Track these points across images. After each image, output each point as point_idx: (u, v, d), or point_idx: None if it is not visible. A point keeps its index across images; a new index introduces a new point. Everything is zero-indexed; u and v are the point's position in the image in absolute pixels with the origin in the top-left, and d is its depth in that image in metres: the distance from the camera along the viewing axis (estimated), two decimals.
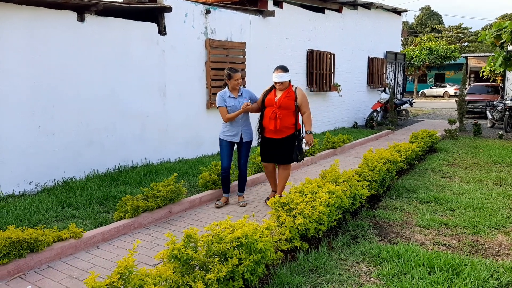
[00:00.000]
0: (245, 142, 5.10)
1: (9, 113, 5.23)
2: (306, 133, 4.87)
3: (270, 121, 4.82)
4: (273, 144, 4.97)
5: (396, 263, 3.35)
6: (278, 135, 4.89)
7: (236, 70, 4.99)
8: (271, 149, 5.02)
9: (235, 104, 4.93)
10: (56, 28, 5.62)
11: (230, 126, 5.01)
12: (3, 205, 4.79)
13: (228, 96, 4.96)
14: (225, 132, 5.06)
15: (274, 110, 4.78)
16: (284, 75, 4.79)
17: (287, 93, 4.84)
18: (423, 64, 32.47)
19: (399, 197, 5.33)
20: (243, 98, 5.02)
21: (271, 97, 4.89)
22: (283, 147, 4.93)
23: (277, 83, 4.83)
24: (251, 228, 2.90)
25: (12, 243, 3.25)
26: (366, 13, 13.60)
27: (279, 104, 4.78)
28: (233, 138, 5.03)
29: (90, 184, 5.63)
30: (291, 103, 4.81)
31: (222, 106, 4.92)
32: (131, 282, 2.25)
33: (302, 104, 4.89)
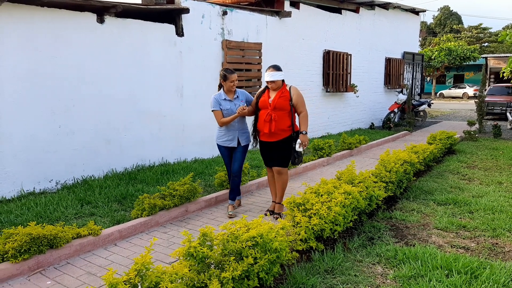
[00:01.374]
0: (242, 146, 4.83)
1: (31, 112, 5.35)
2: (302, 134, 4.52)
3: (265, 124, 4.53)
4: (268, 147, 4.70)
5: (413, 265, 3.32)
6: (273, 138, 4.59)
7: (232, 71, 4.71)
8: (268, 153, 4.75)
9: (231, 107, 4.68)
10: (76, 30, 5.73)
11: (226, 130, 4.75)
12: (24, 202, 4.91)
13: (223, 99, 4.70)
14: (222, 137, 4.80)
15: (269, 112, 4.50)
16: (276, 74, 4.51)
17: (281, 93, 4.55)
18: (442, 64, 31.96)
19: (416, 199, 5.27)
20: (239, 100, 4.76)
21: (265, 99, 4.60)
22: (278, 150, 4.63)
23: (270, 82, 4.56)
24: (266, 228, 2.91)
25: (33, 239, 3.32)
26: (383, 13, 13.47)
27: (273, 105, 4.50)
28: (230, 143, 4.77)
29: (109, 182, 5.73)
30: (286, 104, 4.52)
31: (217, 110, 4.67)
32: (147, 279, 2.28)
33: (298, 104, 4.58)
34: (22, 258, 3.26)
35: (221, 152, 4.90)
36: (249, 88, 8.61)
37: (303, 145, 4.53)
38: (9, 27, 5.09)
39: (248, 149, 4.96)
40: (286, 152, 4.63)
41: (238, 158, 4.83)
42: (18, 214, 4.52)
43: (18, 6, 5.15)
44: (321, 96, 11.11)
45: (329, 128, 11.59)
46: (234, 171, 4.84)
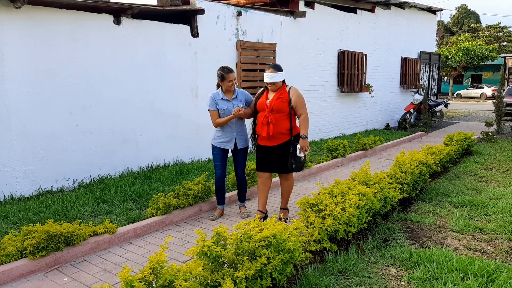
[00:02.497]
0: (240, 149, 4.64)
1: (50, 112, 5.47)
2: (301, 138, 4.26)
3: (263, 127, 4.29)
4: (267, 152, 4.45)
5: (428, 268, 3.28)
6: (272, 142, 4.36)
7: (230, 70, 4.45)
8: (266, 157, 4.49)
9: (228, 107, 4.47)
10: (94, 31, 5.83)
11: (222, 131, 4.56)
12: (42, 200, 5.02)
13: (220, 99, 4.49)
14: (218, 138, 4.61)
15: (266, 115, 4.25)
16: (276, 75, 4.24)
17: (280, 94, 4.29)
18: (459, 64, 31.45)
19: (432, 201, 5.21)
20: (237, 100, 4.53)
21: (263, 100, 4.36)
22: (280, 155, 4.39)
23: (269, 84, 4.30)
24: (279, 228, 2.92)
25: (50, 236, 3.40)
26: (399, 13, 13.33)
27: (271, 107, 4.25)
28: (226, 145, 4.58)
29: (124, 181, 5.81)
30: (284, 105, 4.27)
31: (213, 110, 4.48)
32: (162, 277, 2.31)
33: (297, 106, 4.31)
34: (40, 255, 3.34)
35: (214, 153, 4.66)
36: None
37: (303, 151, 4.27)
38: (29, 29, 5.20)
39: (248, 152, 4.78)
40: (286, 157, 4.41)
41: (240, 163, 4.70)
42: (36, 212, 4.62)
43: (38, 8, 5.27)
44: (336, 96, 11.05)
45: (343, 129, 11.52)
46: (239, 175, 4.75)
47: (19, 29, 5.13)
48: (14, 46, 5.10)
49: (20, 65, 5.16)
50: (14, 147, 5.19)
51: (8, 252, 3.25)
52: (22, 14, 5.13)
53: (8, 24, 5.03)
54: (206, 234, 2.82)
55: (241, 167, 4.73)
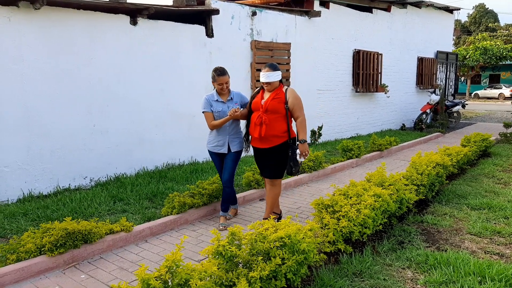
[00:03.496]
0: (233, 152, 4.39)
1: (68, 112, 5.56)
2: (300, 143, 4.09)
3: (255, 127, 4.10)
4: (260, 155, 4.27)
5: (444, 271, 3.24)
6: (264, 144, 4.14)
7: (222, 72, 4.23)
8: (260, 161, 4.33)
9: (223, 109, 4.29)
10: (111, 31, 5.90)
11: (216, 135, 4.37)
12: (60, 198, 5.11)
13: (215, 100, 4.32)
14: (211, 142, 4.42)
15: (260, 115, 4.06)
16: (273, 75, 4.04)
17: (276, 94, 4.10)
18: (477, 64, 30.93)
19: (449, 203, 5.13)
20: (232, 102, 4.36)
21: (257, 100, 4.16)
22: (271, 158, 4.18)
23: (265, 83, 4.10)
24: (294, 229, 2.92)
25: (68, 234, 3.46)
26: (416, 12, 13.17)
27: (265, 107, 4.05)
28: (220, 149, 4.38)
29: (140, 180, 5.87)
30: (280, 106, 4.06)
31: (208, 112, 4.30)
32: (177, 276, 2.33)
33: (294, 108, 4.10)
34: (58, 252, 3.40)
35: (212, 159, 4.53)
36: None
37: (303, 155, 4.10)
38: (48, 29, 5.30)
39: (241, 156, 4.54)
40: (279, 161, 4.17)
41: (228, 166, 4.39)
42: (54, 210, 4.70)
43: (56, 9, 5.36)
44: (351, 96, 10.97)
45: (358, 129, 11.44)
46: (224, 181, 4.40)
47: (38, 30, 5.22)
48: (33, 47, 5.19)
49: (39, 65, 5.26)
50: (33, 146, 5.29)
51: (28, 249, 3.32)
52: (41, 15, 5.23)
53: (28, 25, 5.13)
54: (221, 234, 2.83)
55: (228, 171, 4.39)
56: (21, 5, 5.05)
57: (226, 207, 4.58)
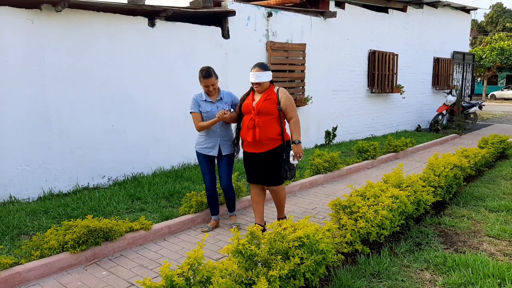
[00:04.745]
0: (225, 155, 4.21)
1: (87, 112, 5.66)
2: (294, 143, 3.91)
3: (248, 131, 3.89)
4: (254, 160, 4.03)
5: (463, 273, 3.22)
6: (259, 148, 3.94)
7: (208, 74, 4.01)
8: (253, 166, 4.07)
9: (211, 109, 4.10)
10: (130, 33, 6.00)
11: (206, 136, 4.18)
12: (79, 197, 5.21)
13: (203, 100, 4.14)
14: (201, 144, 4.23)
15: (253, 117, 3.86)
16: (263, 75, 3.87)
17: (267, 95, 3.91)
18: (494, 65, 30.44)
19: (466, 205, 5.09)
20: (222, 103, 4.16)
21: (248, 102, 3.97)
22: (268, 164, 3.97)
23: (255, 84, 3.92)
24: (313, 229, 2.94)
25: (90, 231, 3.53)
26: (432, 12, 13.04)
27: (257, 109, 3.86)
28: (210, 152, 4.18)
29: (157, 179, 5.95)
30: (272, 107, 3.88)
31: (195, 112, 4.11)
32: (199, 273, 2.37)
33: (287, 108, 3.93)
34: (80, 249, 3.47)
35: (199, 160, 4.31)
36: (292, 89, 8.63)
37: (297, 157, 3.91)
38: (68, 31, 5.41)
39: (234, 158, 4.37)
40: (276, 166, 3.99)
41: (224, 171, 4.24)
42: (74, 208, 4.80)
43: (77, 11, 5.47)
44: (366, 97, 10.92)
45: (373, 130, 11.38)
46: (224, 187, 4.28)
47: (59, 32, 5.34)
48: (54, 48, 5.31)
49: (60, 66, 5.37)
50: (53, 145, 5.41)
51: (51, 246, 3.40)
52: (62, 17, 5.34)
53: (50, 27, 5.25)
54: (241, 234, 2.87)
55: (225, 176, 4.26)
56: (44, 7, 5.17)
57: (232, 207, 4.52)
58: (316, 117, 9.38)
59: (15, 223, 4.30)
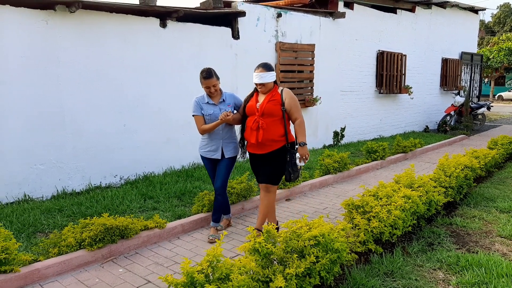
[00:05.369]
0: (227, 158, 4.13)
1: (100, 112, 5.73)
2: (300, 145, 3.83)
3: (252, 132, 3.84)
4: (258, 161, 4.00)
5: (476, 272, 3.24)
6: (262, 149, 3.89)
7: (208, 74, 3.95)
8: (257, 167, 4.05)
9: (214, 112, 4.03)
10: (142, 34, 6.06)
11: (208, 139, 4.12)
12: (93, 195, 5.27)
13: (205, 103, 4.08)
14: (204, 147, 4.16)
15: (256, 119, 3.80)
16: (267, 75, 3.78)
17: (271, 96, 3.84)
18: (501, 65, 30.25)
19: (477, 206, 5.09)
20: (225, 105, 4.09)
21: (252, 103, 3.91)
22: (269, 164, 3.91)
23: (258, 85, 3.84)
24: (328, 228, 2.97)
25: (107, 229, 3.59)
26: (440, 12, 13.02)
27: (261, 110, 3.80)
28: (213, 155, 4.11)
29: (168, 179, 6.00)
30: (276, 109, 3.81)
31: (198, 115, 4.06)
32: (218, 270, 2.42)
33: (291, 109, 3.85)
34: (97, 247, 3.53)
35: (204, 164, 4.27)
36: (301, 90, 8.66)
37: (303, 159, 3.84)
38: (82, 32, 5.48)
39: (235, 161, 4.27)
40: (277, 167, 3.90)
41: (221, 173, 4.11)
42: (88, 206, 4.86)
43: (90, 12, 5.54)
44: (374, 97, 10.93)
45: (381, 131, 11.38)
46: (217, 188, 4.12)
47: (73, 32, 5.41)
48: (68, 49, 5.38)
49: (74, 66, 5.44)
50: (67, 145, 5.48)
51: (68, 243, 3.46)
52: (75, 18, 5.41)
53: (64, 28, 5.32)
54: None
55: (220, 179, 4.11)
56: (58, 8, 5.24)
57: (218, 217, 4.23)
58: (324, 118, 9.40)
59: (31, 221, 4.37)
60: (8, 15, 4.91)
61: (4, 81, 4.93)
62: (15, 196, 5.14)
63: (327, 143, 9.62)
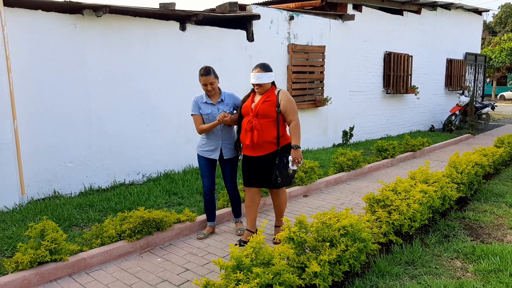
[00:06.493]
0: (227, 159, 4.10)
1: (124, 112, 5.98)
2: (293, 148, 3.74)
3: (246, 134, 3.76)
4: (253, 163, 3.91)
5: (492, 261, 3.48)
6: (257, 152, 3.81)
7: (207, 72, 3.94)
8: (252, 170, 3.95)
9: (212, 112, 4.00)
10: (162, 37, 6.31)
11: (207, 139, 4.08)
12: (119, 192, 5.51)
13: (203, 102, 4.05)
14: (202, 147, 4.12)
15: (250, 120, 3.74)
16: (264, 76, 3.74)
17: (267, 97, 3.78)
18: (503, 65, 30.49)
19: (487, 201, 5.33)
20: (223, 105, 4.04)
21: (248, 104, 3.85)
22: (267, 168, 3.82)
23: (255, 85, 3.81)
24: (356, 219, 3.21)
25: (144, 221, 3.83)
26: (445, 14, 13.26)
27: (256, 111, 3.74)
28: (211, 155, 4.07)
29: (188, 176, 6.24)
30: (271, 110, 3.74)
31: (196, 114, 4.04)
32: (261, 255, 2.66)
33: (286, 111, 3.77)
34: (136, 238, 3.77)
35: (200, 163, 4.18)
36: (312, 90, 8.90)
37: (296, 163, 3.75)
38: (108, 35, 5.72)
39: (238, 162, 4.23)
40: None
41: (228, 175, 4.16)
42: (117, 202, 5.10)
43: (116, 16, 5.78)
44: (381, 97, 11.17)
45: (388, 130, 11.62)
46: (230, 191, 4.24)
47: (100, 36, 5.65)
48: (95, 52, 5.62)
49: (100, 68, 5.69)
50: (93, 143, 5.72)
51: (110, 235, 3.70)
52: (102, 23, 5.66)
53: (91, 32, 5.56)
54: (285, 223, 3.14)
55: (230, 180, 4.20)
56: (85, 13, 5.48)
57: (237, 212, 4.41)
58: (334, 117, 9.64)
59: (66, 215, 4.60)
60: (40, 19, 5.16)
61: (37, 82, 5.17)
62: (46, 192, 5.39)
63: (336, 142, 9.87)
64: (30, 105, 5.13)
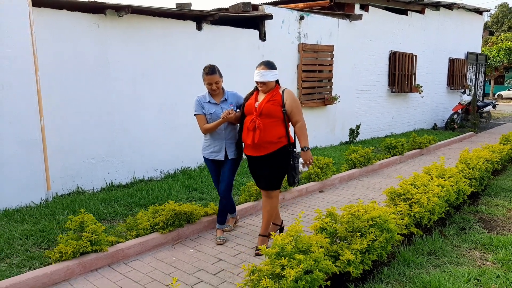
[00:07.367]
0: (230, 159, 3.97)
1: (144, 110, 6.12)
2: (303, 150, 3.68)
3: (248, 133, 3.64)
4: (255, 164, 3.81)
5: (510, 250, 3.66)
6: (258, 151, 3.67)
7: (211, 71, 3.87)
8: (255, 171, 3.86)
9: (216, 111, 3.90)
10: (180, 36, 6.45)
11: (211, 140, 3.97)
12: (140, 187, 5.66)
13: (207, 102, 3.96)
14: (207, 148, 4.01)
15: (254, 119, 3.61)
16: (268, 74, 3.62)
17: (271, 96, 3.66)
18: (501, 64, 30.80)
19: (497, 196, 5.52)
20: (227, 104, 3.96)
21: (251, 102, 3.72)
22: (267, 167, 3.70)
23: (259, 83, 3.67)
24: (384, 210, 3.39)
25: (176, 214, 3.99)
26: (448, 14, 13.47)
27: (259, 110, 3.61)
28: (216, 156, 3.96)
29: (205, 172, 6.40)
30: (276, 109, 3.61)
31: (199, 114, 3.93)
32: (300, 243, 2.82)
33: (292, 111, 3.65)
34: (168, 230, 3.93)
35: (208, 166, 4.11)
36: (321, 89, 9.07)
37: (307, 165, 3.71)
38: (129, 35, 5.86)
39: (240, 163, 4.13)
40: (275, 170, 3.71)
41: (225, 175, 3.96)
42: (140, 197, 5.25)
43: (136, 16, 5.92)
44: (386, 96, 11.36)
45: (392, 128, 11.82)
46: (221, 192, 3.99)
47: (121, 35, 5.79)
48: (117, 51, 5.76)
49: (121, 67, 5.83)
50: (115, 140, 5.87)
51: (144, 227, 3.85)
52: (123, 22, 5.80)
53: (113, 31, 5.70)
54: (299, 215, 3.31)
55: (225, 182, 3.96)
56: (108, 13, 5.62)
57: (223, 220, 4.16)
58: (341, 115, 9.82)
59: (93, 210, 4.75)
60: (64, 19, 5.29)
61: (61, 80, 5.31)
62: (69, 188, 5.53)
63: (343, 140, 10.04)
64: (54, 102, 5.26)
